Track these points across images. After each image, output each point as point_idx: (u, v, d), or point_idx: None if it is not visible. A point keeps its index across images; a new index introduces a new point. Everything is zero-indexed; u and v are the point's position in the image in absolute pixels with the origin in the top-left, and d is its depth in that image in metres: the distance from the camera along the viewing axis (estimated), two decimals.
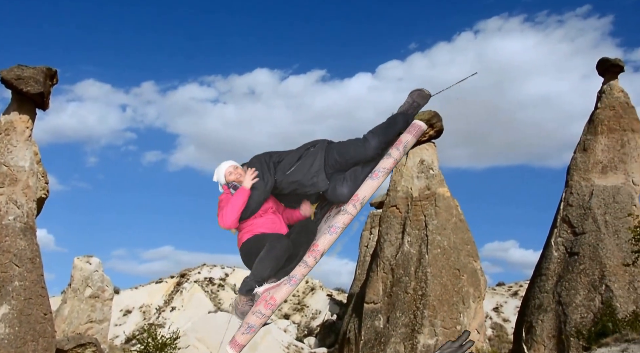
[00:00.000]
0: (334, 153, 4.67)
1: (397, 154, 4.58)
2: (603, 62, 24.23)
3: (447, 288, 22.10)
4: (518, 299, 39.39)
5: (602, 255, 20.02)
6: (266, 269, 4.34)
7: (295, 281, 4.25)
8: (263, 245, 4.44)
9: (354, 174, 4.58)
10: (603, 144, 22.78)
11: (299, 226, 4.75)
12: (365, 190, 4.44)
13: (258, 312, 4.22)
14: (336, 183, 4.57)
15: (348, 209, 4.38)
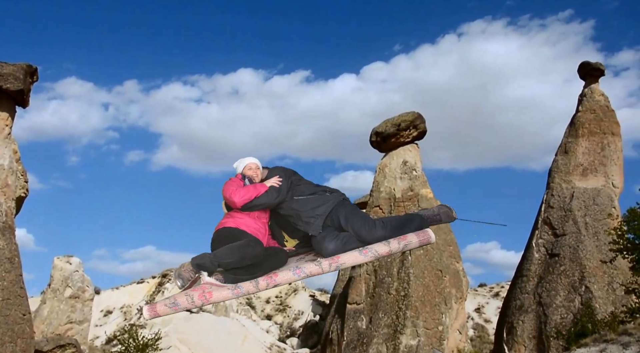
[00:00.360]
0: (342, 214, 4.79)
1: (395, 247, 4.68)
2: (584, 66, 24.48)
3: (429, 289, 22.18)
4: (499, 300, 39.64)
5: (582, 257, 20.20)
6: (230, 258, 4.40)
7: (239, 292, 4.32)
8: (238, 239, 4.56)
9: (347, 239, 4.67)
10: (584, 147, 23.00)
11: (273, 250, 4.82)
12: (348, 258, 4.56)
13: (190, 297, 4.23)
14: (327, 236, 4.66)
15: (322, 265, 4.49)
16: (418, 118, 24.86)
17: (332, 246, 4.60)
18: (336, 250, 4.59)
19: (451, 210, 5.05)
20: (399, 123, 24.76)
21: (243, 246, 4.48)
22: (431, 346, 20.93)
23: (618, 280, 19.02)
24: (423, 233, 4.79)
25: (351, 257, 4.58)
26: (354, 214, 4.82)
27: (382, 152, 26.04)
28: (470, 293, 36.85)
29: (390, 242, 4.67)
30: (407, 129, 24.52)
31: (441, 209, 5.04)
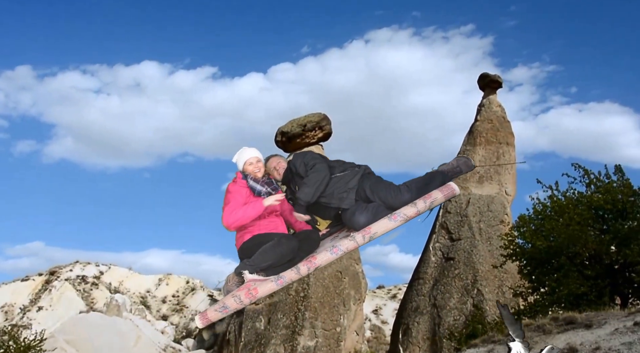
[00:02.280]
0: (367, 186, 4.88)
1: (422, 206, 4.76)
2: (483, 77, 25.48)
3: (328, 290, 22.28)
4: (397, 302, 40.50)
5: (475, 261, 20.93)
6: (267, 261, 4.45)
7: (282, 282, 4.45)
8: (262, 243, 4.56)
9: (376, 209, 4.75)
10: (481, 155, 23.88)
11: (304, 234, 4.83)
12: (379, 227, 4.64)
13: (237, 297, 4.37)
14: (357, 210, 4.74)
15: (356, 238, 4.60)
16: (324, 119, 24.97)
17: (363, 218, 4.66)
18: (367, 222, 4.64)
19: (469, 159, 5.18)
20: (304, 124, 24.78)
21: (275, 245, 4.48)
22: (328, 347, 21.03)
23: (507, 284, 19.81)
24: (446, 188, 4.88)
25: (382, 225, 4.65)
26: (379, 184, 4.91)
27: (287, 152, 25.94)
28: (369, 295, 37.44)
29: (417, 203, 4.76)
30: (312, 130, 24.57)
31: (459, 161, 5.12)
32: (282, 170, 5.09)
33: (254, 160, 4.97)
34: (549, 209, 13.85)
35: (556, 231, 12.76)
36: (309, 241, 4.75)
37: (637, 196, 13.39)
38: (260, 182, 4.92)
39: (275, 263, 4.47)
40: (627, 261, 11.98)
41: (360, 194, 4.88)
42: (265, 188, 4.91)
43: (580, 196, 13.79)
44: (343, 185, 4.87)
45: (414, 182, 4.94)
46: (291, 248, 4.53)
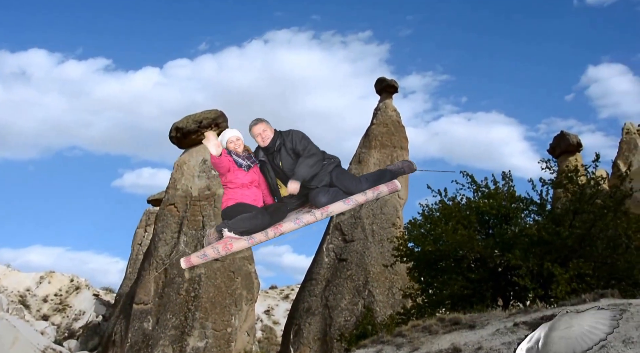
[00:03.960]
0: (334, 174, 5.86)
1: (370, 196, 5.81)
2: (381, 81, 26.03)
3: (220, 290, 21.94)
4: (289, 302, 40.58)
5: (367, 262, 21.31)
6: (243, 227, 5.43)
7: (253, 241, 5.48)
8: (242, 211, 5.56)
9: (336, 192, 5.72)
10: (375, 158, 24.36)
11: (275, 206, 5.83)
12: (335, 207, 5.67)
13: (216, 248, 5.41)
14: (320, 191, 5.71)
15: (316, 214, 5.61)
16: (221, 116, 24.59)
17: (324, 199, 5.64)
18: (327, 202, 5.62)
19: (412, 163, 6.21)
20: (200, 120, 24.29)
21: (252, 217, 5.47)
22: (219, 348, 20.70)
23: (397, 285, 20.31)
24: (391, 184, 5.90)
25: (338, 206, 5.68)
26: (344, 174, 5.94)
27: (182, 148, 25.36)
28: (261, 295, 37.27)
29: (367, 192, 5.77)
30: (208, 127, 24.10)
31: (404, 164, 6.20)
32: (267, 138, 5.91)
33: (234, 139, 5.92)
34: (437, 214, 14.24)
35: (444, 235, 13.13)
36: (278, 212, 5.68)
37: (520, 203, 14.06)
38: (241, 157, 5.84)
39: (250, 231, 5.44)
40: (509, 265, 12.50)
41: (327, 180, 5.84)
42: (245, 161, 5.83)
43: (468, 202, 14.29)
44: (324, 171, 5.83)
45: (370, 175, 6.01)
46: (265, 223, 5.48)
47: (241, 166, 5.80)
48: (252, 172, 5.84)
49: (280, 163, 5.88)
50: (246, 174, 5.80)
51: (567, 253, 12.32)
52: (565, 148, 35.10)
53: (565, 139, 35.32)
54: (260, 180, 5.94)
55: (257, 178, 5.90)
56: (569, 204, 13.21)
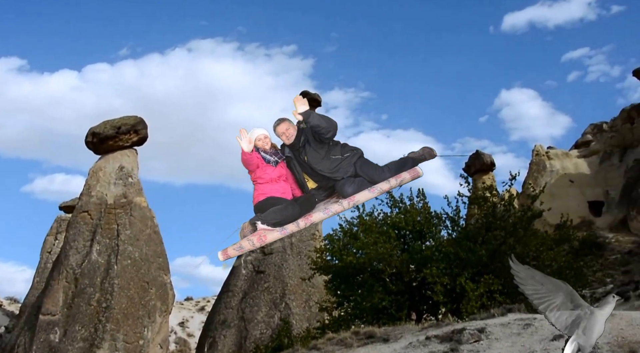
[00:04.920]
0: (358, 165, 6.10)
1: (393, 183, 6.04)
2: (304, 94, 26.20)
3: (133, 301, 21.32)
4: (204, 314, 39.94)
5: (285, 274, 21.29)
6: (275, 219, 5.70)
7: (285, 232, 5.74)
8: (273, 204, 5.84)
9: (361, 182, 5.99)
10: None
11: (305, 197, 6.11)
12: (361, 196, 5.95)
13: (251, 240, 5.65)
14: (346, 182, 5.98)
15: (343, 203, 5.90)
16: (140, 123, 24.00)
17: (350, 189, 5.91)
18: (353, 192, 5.89)
19: (432, 149, 6.36)
20: (119, 126, 23.61)
21: (283, 209, 5.76)
22: None
23: (314, 298, 20.36)
24: (413, 171, 6.12)
25: (364, 195, 5.94)
26: (367, 164, 6.14)
27: (98, 154, 24.55)
28: (176, 307, 36.50)
29: (390, 180, 6.01)
30: (127, 133, 23.46)
31: (424, 151, 6.34)
32: (291, 136, 6.13)
33: (262, 137, 6.16)
34: (355, 228, 14.43)
35: (365, 248, 13.31)
36: (308, 203, 6.00)
37: (435, 219, 14.46)
38: (269, 153, 6.14)
39: (281, 222, 5.71)
40: (424, 280, 12.79)
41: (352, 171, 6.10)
42: (273, 157, 6.12)
43: (385, 217, 14.56)
44: (347, 163, 6.09)
45: (392, 164, 6.17)
46: (295, 214, 5.79)
47: (269, 162, 6.12)
48: (279, 167, 6.16)
49: (306, 157, 6.15)
50: (274, 170, 6.11)
51: (479, 268, 12.73)
52: (480, 166, 36.43)
53: (480, 158, 36.66)
54: (287, 175, 6.25)
55: (284, 172, 6.21)
56: (482, 221, 13.67)
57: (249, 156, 5.99)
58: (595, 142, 37.94)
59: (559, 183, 34.88)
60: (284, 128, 6.16)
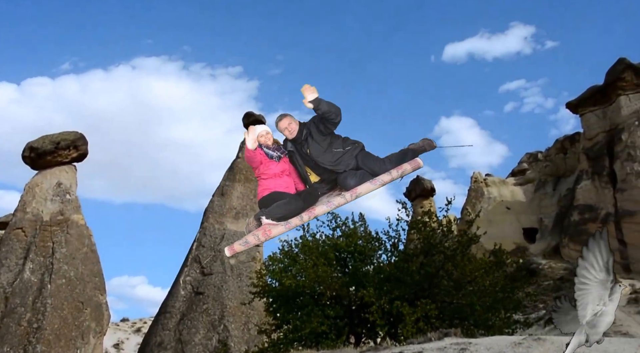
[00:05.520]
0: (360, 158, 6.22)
1: (395, 174, 6.11)
2: (249, 115, 26.31)
3: (67, 322, 20.68)
4: (141, 336, 39.01)
5: (225, 296, 21.07)
6: (279, 213, 5.78)
7: (290, 226, 5.80)
8: (276, 199, 5.92)
9: (362, 175, 6.09)
10: (239, 191, 24.35)
11: (308, 191, 6.22)
12: (363, 188, 6.01)
13: (256, 235, 5.78)
14: (348, 175, 6.09)
15: (346, 196, 5.99)
16: (80, 139, 23.52)
17: (352, 182, 6.00)
18: (355, 184, 5.98)
19: (432, 141, 6.45)
20: (58, 141, 23.06)
21: (287, 203, 5.84)
22: None
23: (253, 320, 20.22)
24: (414, 162, 6.20)
25: (366, 188, 6.01)
26: (368, 157, 6.25)
27: (35, 169, 23.88)
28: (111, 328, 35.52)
29: (391, 172, 6.09)
30: (66, 149, 22.92)
31: (425, 142, 6.43)
32: (293, 131, 6.22)
33: (264, 133, 6.25)
34: (297, 250, 14.47)
35: (303, 271, 13.34)
36: (311, 197, 6.10)
37: (375, 242, 14.64)
38: (271, 149, 6.22)
39: (285, 216, 5.80)
40: (363, 302, 12.89)
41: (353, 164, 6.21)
42: (275, 152, 6.21)
43: (327, 239, 14.66)
44: (349, 156, 6.19)
45: (393, 156, 6.26)
46: (299, 208, 5.88)
47: (272, 158, 6.21)
48: (282, 162, 6.25)
49: (308, 150, 6.24)
50: (277, 165, 6.19)
51: (416, 291, 12.92)
52: (420, 192, 37.11)
53: (420, 184, 37.34)
54: (290, 169, 6.34)
55: (287, 167, 6.30)
56: (421, 245, 13.92)
57: (251, 153, 6.13)
58: (530, 171, 39.20)
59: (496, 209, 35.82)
60: (286, 123, 6.27)
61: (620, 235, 26.12)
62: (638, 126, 26.88)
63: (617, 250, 25.98)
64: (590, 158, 29.25)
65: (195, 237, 23.54)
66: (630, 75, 28.14)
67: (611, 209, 26.78)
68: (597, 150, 29.01)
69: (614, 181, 27.21)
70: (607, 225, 26.37)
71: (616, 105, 28.46)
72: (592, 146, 29.55)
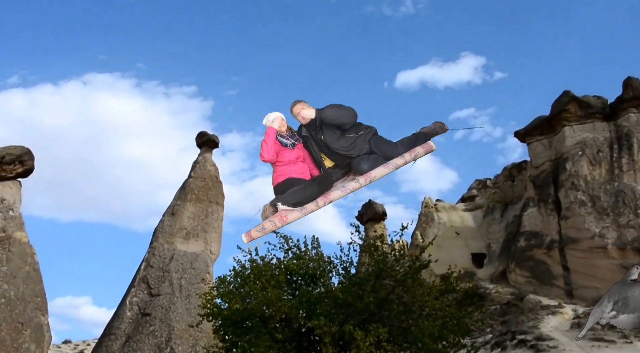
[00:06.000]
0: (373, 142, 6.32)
1: (408, 158, 6.25)
2: (202, 135, 26.08)
3: (4, 344, 19.89)
4: None
5: (172, 318, 20.66)
6: (295, 199, 5.88)
7: (305, 211, 5.92)
8: (292, 185, 6.05)
9: (376, 159, 6.21)
10: (190, 212, 24.04)
11: (322, 176, 6.34)
12: (377, 172, 6.14)
13: (273, 221, 5.83)
14: (362, 160, 6.22)
15: (360, 180, 6.10)
16: (27, 154, 22.87)
17: (366, 166, 6.14)
18: (369, 168, 6.12)
19: (443, 124, 6.62)
20: (3, 155, 22.36)
21: (302, 189, 5.96)
22: None
23: (202, 343, 19.85)
24: (426, 145, 6.35)
25: (379, 171, 6.13)
26: (381, 141, 6.36)
27: None
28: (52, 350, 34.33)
29: (404, 155, 6.24)
30: (11, 164, 22.24)
31: (436, 125, 6.59)
32: (307, 116, 6.33)
33: (279, 120, 6.37)
34: (247, 271, 14.33)
35: (253, 293, 13.19)
36: (326, 182, 6.24)
37: (327, 265, 14.63)
38: (285, 136, 6.36)
39: (301, 201, 5.91)
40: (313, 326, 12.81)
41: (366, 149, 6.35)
42: (289, 140, 6.36)
43: (278, 262, 14.57)
44: (362, 141, 6.29)
45: (405, 140, 6.40)
46: (314, 193, 6.00)
47: (286, 146, 6.33)
48: (296, 149, 6.37)
49: (323, 136, 6.34)
50: (291, 152, 6.31)
51: (367, 316, 12.91)
52: (372, 215, 37.35)
53: (372, 208, 37.60)
54: (305, 155, 6.47)
55: (302, 154, 6.43)
56: (372, 269, 13.96)
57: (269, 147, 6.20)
58: (479, 197, 39.95)
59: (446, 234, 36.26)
60: (299, 109, 6.36)
61: (564, 261, 26.75)
62: (581, 156, 27.73)
63: (561, 275, 26.64)
64: (537, 185, 29.98)
65: (144, 257, 23.07)
66: (574, 107, 29.07)
67: (556, 236, 27.43)
68: (543, 178, 29.78)
69: (558, 209, 27.92)
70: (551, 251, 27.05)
71: (561, 135, 29.34)
72: (538, 174, 30.32)
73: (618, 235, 24.70)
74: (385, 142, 6.44)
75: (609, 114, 28.71)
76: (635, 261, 23.24)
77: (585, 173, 27.19)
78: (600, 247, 24.99)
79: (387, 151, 6.31)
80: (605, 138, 27.98)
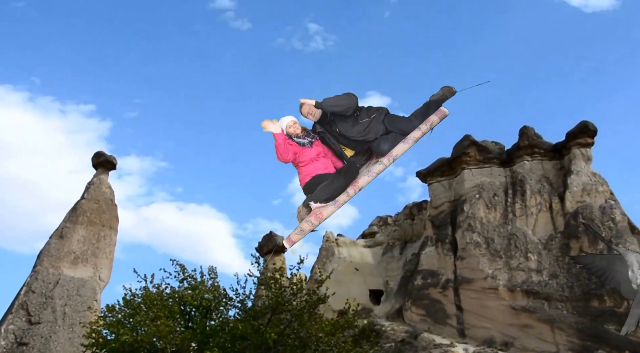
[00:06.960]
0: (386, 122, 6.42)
1: (424, 128, 6.28)
2: (99, 155, 24.94)
3: None
4: None
5: (53, 348, 19.36)
6: (325, 195, 5.99)
7: (339, 204, 5.97)
8: (319, 182, 6.12)
9: (394, 137, 6.30)
10: (80, 235, 22.79)
11: (347, 166, 6.39)
12: (398, 149, 6.22)
13: (309, 221, 5.94)
14: (381, 141, 6.31)
15: (384, 161, 6.20)
16: None
17: (386, 146, 6.23)
18: (390, 148, 6.20)
19: (452, 87, 6.58)
20: None
21: (330, 184, 6.06)
22: None
23: None
24: (439, 112, 6.38)
25: (400, 148, 6.20)
26: (394, 118, 6.46)
27: None
28: None
29: (420, 127, 6.27)
30: None
31: (445, 90, 6.57)
32: (316, 113, 6.40)
33: (291, 123, 6.43)
34: (139, 300, 13.65)
35: (143, 324, 12.54)
36: (351, 171, 6.28)
37: (223, 297, 14.16)
38: (301, 137, 6.40)
39: (332, 196, 6.00)
40: None
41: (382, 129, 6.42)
42: (306, 139, 6.40)
43: (172, 291, 13.98)
44: (376, 123, 6.37)
45: (417, 111, 6.47)
46: (342, 185, 6.07)
47: (304, 145, 6.37)
48: (315, 146, 6.40)
49: (337, 128, 6.40)
50: (311, 149, 6.35)
51: (263, 350, 12.56)
52: (272, 247, 36.93)
53: (272, 240, 37.22)
54: (325, 151, 6.51)
55: (321, 149, 6.47)
56: (269, 303, 13.64)
57: (283, 148, 6.26)
58: (380, 234, 40.48)
59: (345, 270, 36.35)
60: (307, 108, 6.43)
61: (458, 300, 27.33)
62: (478, 199, 28.68)
63: (455, 315, 27.17)
64: (435, 225, 30.68)
65: (25, 281, 21.54)
66: (474, 151, 30.18)
67: (451, 276, 28.03)
68: (441, 218, 30.54)
69: (455, 249, 28.64)
70: (446, 291, 27.61)
71: (460, 177, 30.31)
72: (437, 215, 31.08)
73: (509, 277, 25.54)
74: (398, 118, 6.56)
75: (505, 160, 29.99)
76: (523, 303, 24.11)
77: (482, 216, 28.11)
78: (492, 288, 25.73)
79: (403, 127, 6.40)
80: (501, 182, 29.13)
